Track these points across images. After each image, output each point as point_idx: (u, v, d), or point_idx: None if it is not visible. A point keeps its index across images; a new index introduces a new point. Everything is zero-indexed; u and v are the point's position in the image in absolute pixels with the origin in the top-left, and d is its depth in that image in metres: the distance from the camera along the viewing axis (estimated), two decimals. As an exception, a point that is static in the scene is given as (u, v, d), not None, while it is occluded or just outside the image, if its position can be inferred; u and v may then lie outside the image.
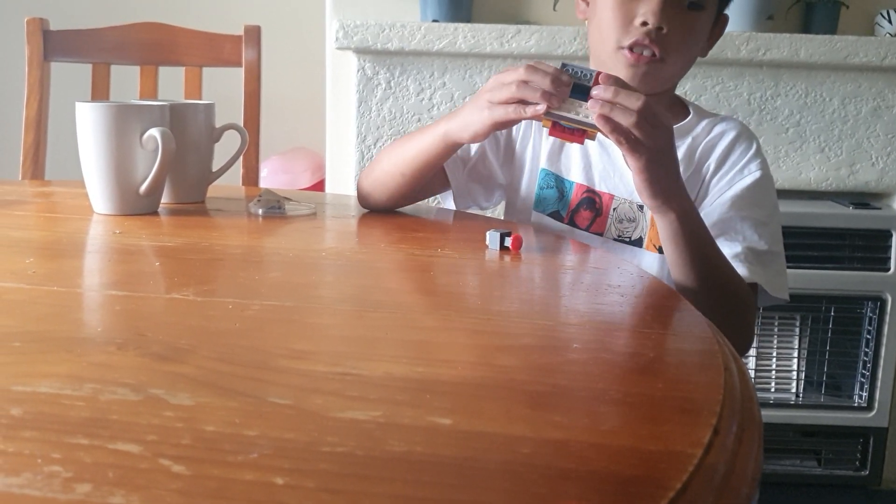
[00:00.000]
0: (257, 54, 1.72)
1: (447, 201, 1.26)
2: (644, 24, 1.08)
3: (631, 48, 1.09)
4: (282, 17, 2.67)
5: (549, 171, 1.22)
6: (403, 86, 2.06)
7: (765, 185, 1.15)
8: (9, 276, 0.75)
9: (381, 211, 1.16)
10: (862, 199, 2.13)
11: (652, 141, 0.91)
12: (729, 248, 1.07)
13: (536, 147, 1.23)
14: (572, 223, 1.19)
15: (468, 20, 2.12)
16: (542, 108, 0.92)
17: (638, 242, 1.18)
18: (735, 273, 1.04)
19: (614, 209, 1.18)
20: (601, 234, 1.18)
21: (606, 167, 1.19)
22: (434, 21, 2.06)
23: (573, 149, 1.22)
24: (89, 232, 1.01)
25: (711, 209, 1.13)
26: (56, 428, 0.43)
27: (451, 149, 1.06)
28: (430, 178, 1.14)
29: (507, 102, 0.94)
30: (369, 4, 2.17)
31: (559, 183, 1.22)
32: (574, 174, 1.21)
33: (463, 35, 1.99)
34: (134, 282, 0.76)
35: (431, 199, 1.28)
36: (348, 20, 1.99)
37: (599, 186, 1.20)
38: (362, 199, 1.19)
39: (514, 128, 1.24)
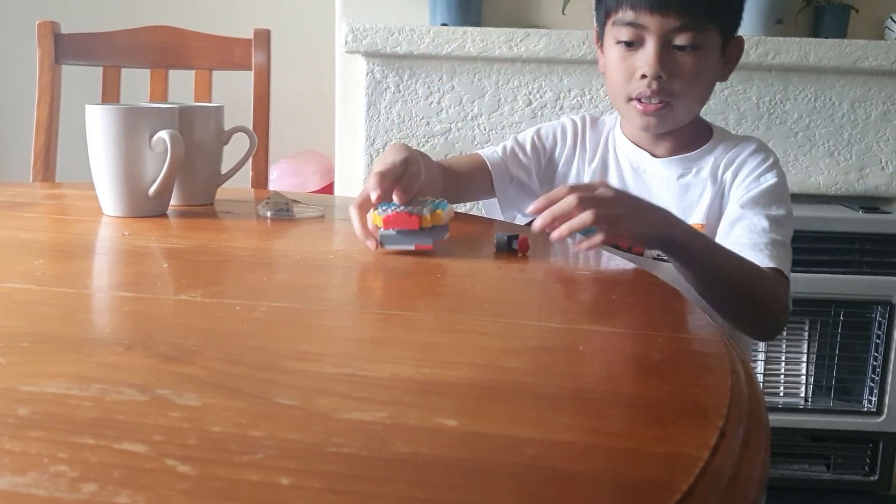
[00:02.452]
0: (267, 58, 1.72)
1: (492, 212, 1.29)
2: (644, 76, 1.13)
3: (639, 99, 1.15)
4: (291, 21, 2.68)
5: None
6: (412, 89, 2.07)
7: (781, 192, 1.19)
8: (18, 277, 0.76)
9: None
10: (871, 203, 2.12)
11: (619, 217, 0.94)
12: (749, 240, 1.11)
13: (579, 172, 1.28)
14: (615, 244, 1.21)
15: (477, 24, 2.12)
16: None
17: None
18: (757, 271, 1.07)
19: None
20: (642, 255, 1.22)
21: (642, 192, 1.25)
22: (443, 25, 2.06)
23: (612, 177, 1.28)
24: (98, 233, 1.01)
25: (729, 211, 1.18)
26: (63, 428, 0.44)
27: None
28: (448, 178, 1.19)
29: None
30: (378, 8, 2.17)
31: None
32: None
33: (472, 39, 1.99)
34: (142, 283, 0.77)
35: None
36: (357, 24, 1.99)
37: None
38: None
39: (558, 148, 1.32)
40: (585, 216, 0.90)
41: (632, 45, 1.14)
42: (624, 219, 0.94)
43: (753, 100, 2.05)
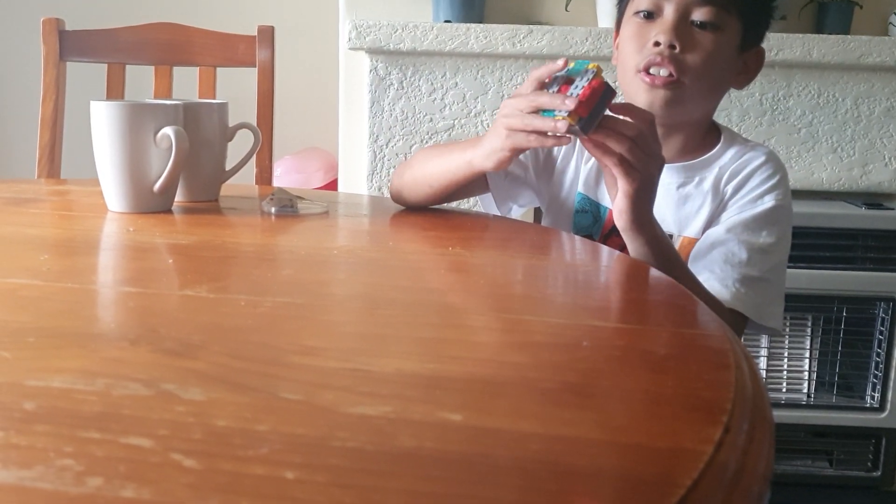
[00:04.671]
0: (271, 54, 1.72)
1: (488, 205, 1.26)
2: (657, 43, 1.09)
3: (648, 70, 1.10)
4: (295, 18, 2.68)
5: (586, 196, 1.22)
6: (415, 86, 2.07)
7: (778, 215, 1.13)
8: (24, 272, 0.76)
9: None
10: (875, 199, 2.12)
11: (644, 167, 0.93)
12: (721, 271, 1.07)
13: (577, 169, 1.24)
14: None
15: (480, 21, 2.12)
16: (564, 139, 0.92)
17: None
18: (712, 300, 1.03)
19: None
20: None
21: None
22: (446, 21, 2.06)
23: (607, 177, 1.21)
24: (104, 229, 1.01)
25: (715, 229, 1.12)
26: (68, 422, 0.44)
27: (476, 176, 1.07)
28: (461, 190, 1.15)
29: (524, 130, 0.94)
30: (382, 5, 2.17)
31: (594, 207, 1.22)
32: (607, 200, 1.21)
33: (475, 35, 1.99)
34: (147, 279, 0.77)
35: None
36: (361, 21, 1.99)
37: None
38: (394, 196, 1.19)
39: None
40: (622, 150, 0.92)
41: (650, 16, 1.10)
42: (641, 170, 0.94)
43: (756, 96, 2.05)
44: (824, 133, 2.06)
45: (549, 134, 0.92)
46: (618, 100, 1.14)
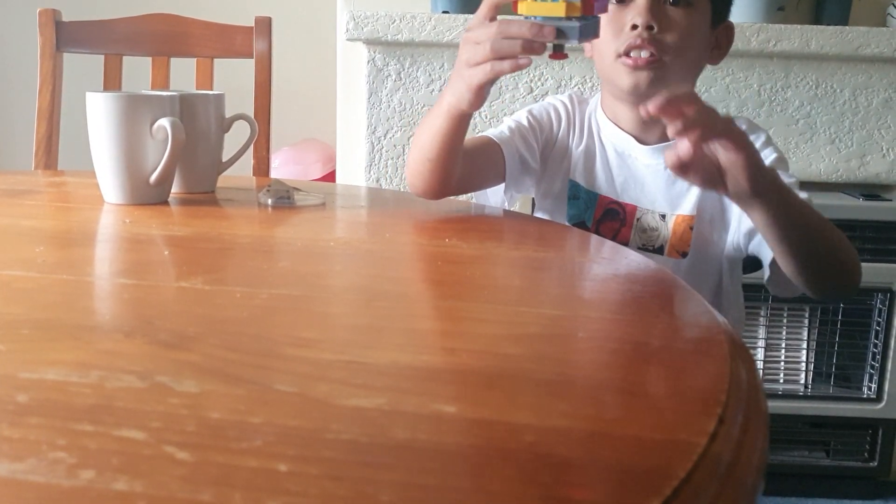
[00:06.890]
0: (268, 45, 1.72)
1: (488, 198, 1.26)
2: (634, 26, 1.10)
3: (628, 54, 1.10)
4: (293, 9, 2.67)
5: (576, 182, 1.23)
6: (413, 77, 2.06)
7: (783, 166, 1.15)
8: (19, 264, 0.76)
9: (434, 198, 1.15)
10: (872, 190, 2.12)
11: (726, 126, 0.88)
12: None
13: (570, 153, 1.24)
14: (598, 233, 1.20)
15: (478, 11, 2.11)
16: (524, 61, 0.90)
17: (660, 250, 1.19)
18: (829, 223, 1.05)
19: (638, 219, 1.20)
20: (626, 245, 1.19)
21: (627, 178, 1.20)
22: (444, 12, 2.05)
23: (596, 161, 1.23)
24: (100, 221, 1.01)
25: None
26: (62, 414, 0.44)
27: (461, 121, 1.04)
28: (463, 160, 1.11)
29: (482, 62, 0.92)
30: (379, -5, 2.17)
31: (584, 194, 1.23)
32: (598, 186, 1.22)
33: (473, 26, 1.98)
34: (143, 270, 0.77)
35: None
36: (359, 11, 1.98)
37: (622, 198, 1.21)
38: (412, 189, 1.18)
39: (554, 128, 1.27)
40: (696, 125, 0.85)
41: (623, 0, 1.11)
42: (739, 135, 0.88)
43: (754, 87, 2.04)
44: (822, 124, 2.06)
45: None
46: (600, 93, 1.14)
